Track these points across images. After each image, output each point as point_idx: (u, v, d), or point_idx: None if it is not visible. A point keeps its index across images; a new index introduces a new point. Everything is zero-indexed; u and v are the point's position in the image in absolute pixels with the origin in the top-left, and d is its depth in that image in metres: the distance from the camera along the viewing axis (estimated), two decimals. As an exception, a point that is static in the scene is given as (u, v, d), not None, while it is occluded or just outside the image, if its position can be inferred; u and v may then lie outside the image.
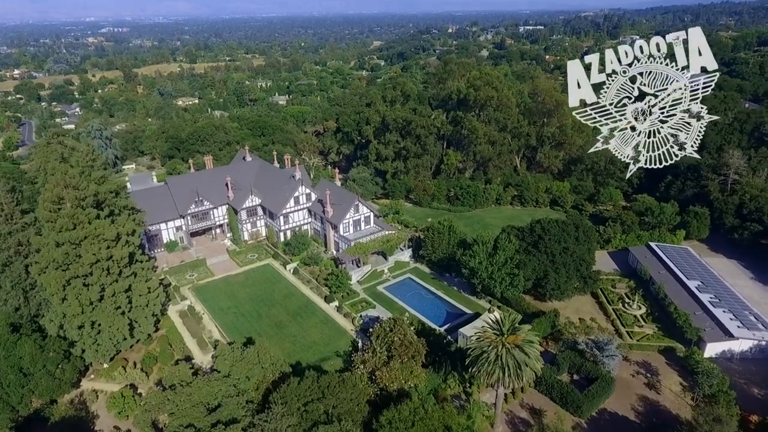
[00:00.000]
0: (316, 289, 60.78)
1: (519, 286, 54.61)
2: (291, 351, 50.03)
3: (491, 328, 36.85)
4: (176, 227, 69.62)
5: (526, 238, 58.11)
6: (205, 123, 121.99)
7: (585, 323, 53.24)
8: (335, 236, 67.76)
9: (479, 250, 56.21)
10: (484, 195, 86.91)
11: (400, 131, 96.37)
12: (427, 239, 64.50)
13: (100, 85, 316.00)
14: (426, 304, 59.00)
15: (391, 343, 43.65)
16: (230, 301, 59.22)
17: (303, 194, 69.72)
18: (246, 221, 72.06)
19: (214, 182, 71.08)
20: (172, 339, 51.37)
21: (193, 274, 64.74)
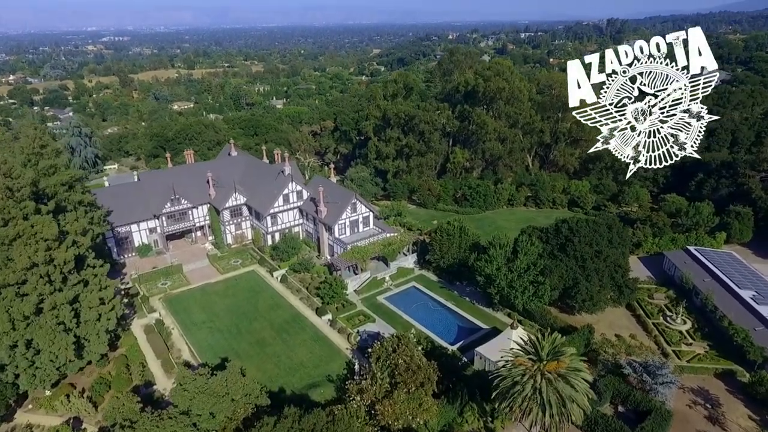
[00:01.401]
0: (306, 299, 52.58)
1: (544, 297, 46.38)
2: (273, 375, 41.64)
3: (524, 351, 28.60)
4: (150, 229, 61.55)
5: (550, 240, 50.01)
6: (194, 121, 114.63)
7: (624, 341, 44.90)
8: (329, 239, 59.70)
9: (496, 254, 48.10)
10: (495, 195, 78.98)
11: (402, 127, 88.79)
12: (435, 242, 56.39)
13: (95, 90, 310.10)
14: (434, 317, 50.72)
15: (394, 367, 35.36)
16: (206, 313, 50.94)
17: (293, 192, 61.76)
18: (229, 222, 64.01)
19: (194, 179, 63.19)
20: (132, 360, 43.00)
21: (166, 282, 56.53)
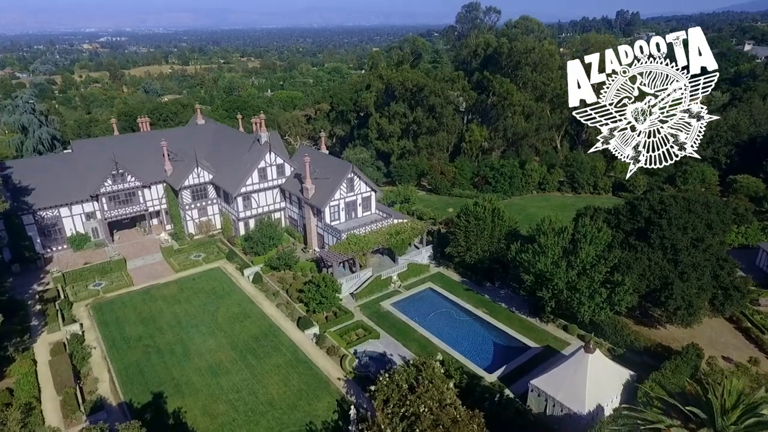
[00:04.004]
0: (285, 306, 38.67)
1: (622, 303, 32.41)
2: (226, 422, 27.64)
3: (665, 407, 14.63)
4: (86, 214, 47.68)
5: (623, 224, 36.09)
6: (170, 100, 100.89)
7: (746, 369, 30.94)
8: (318, 226, 45.87)
9: (550, 243, 34.17)
10: (523, 178, 65.12)
11: (408, 101, 75.06)
12: (459, 230, 42.47)
13: (83, 84, 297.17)
14: (461, 331, 36.84)
15: (414, 419, 21.59)
16: (145, 326, 36.98)
17: (272, 165, 47.87)
18: (191, 207, 50.11)
19: (146, 151, 49.37)
20: (20, 395, 29.05)
21: (101, 282, 42.62)
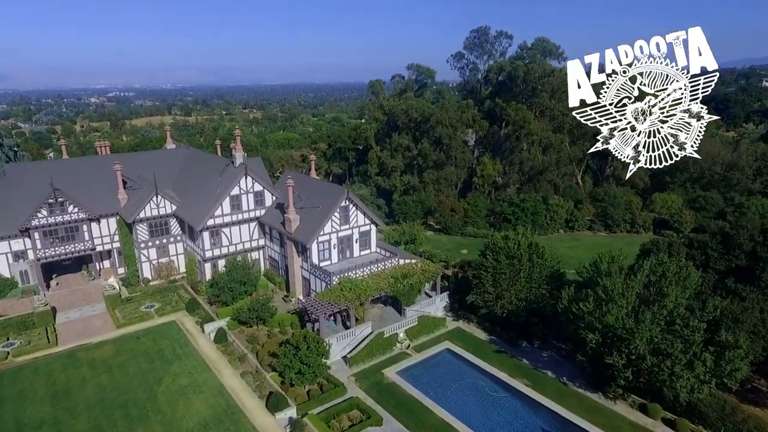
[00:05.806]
0: (252, 375, 28.21)
1: (737, 374, 22.22)
2: None
3: None
4: (14, 253, 38.15)
5: (713, 261, 26.61)
6: (152, 138, 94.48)
7: None
8: (303, 267, 36.16)
9: (618, 286, 24.46)
10: (547, 215, 56.22)
11: (413, 132, 67.97)
12: (485, 273, 32.70)
13: (83, 133, 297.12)
14: (496, 413, 26.20)
15: None
16: (54, 405, 26.36)
17: (248, 192, 38.87)
18: (148, 244, 40.59)
19: (98, 176, 40.64)
20: None
21: (14, 342, 32.32)
